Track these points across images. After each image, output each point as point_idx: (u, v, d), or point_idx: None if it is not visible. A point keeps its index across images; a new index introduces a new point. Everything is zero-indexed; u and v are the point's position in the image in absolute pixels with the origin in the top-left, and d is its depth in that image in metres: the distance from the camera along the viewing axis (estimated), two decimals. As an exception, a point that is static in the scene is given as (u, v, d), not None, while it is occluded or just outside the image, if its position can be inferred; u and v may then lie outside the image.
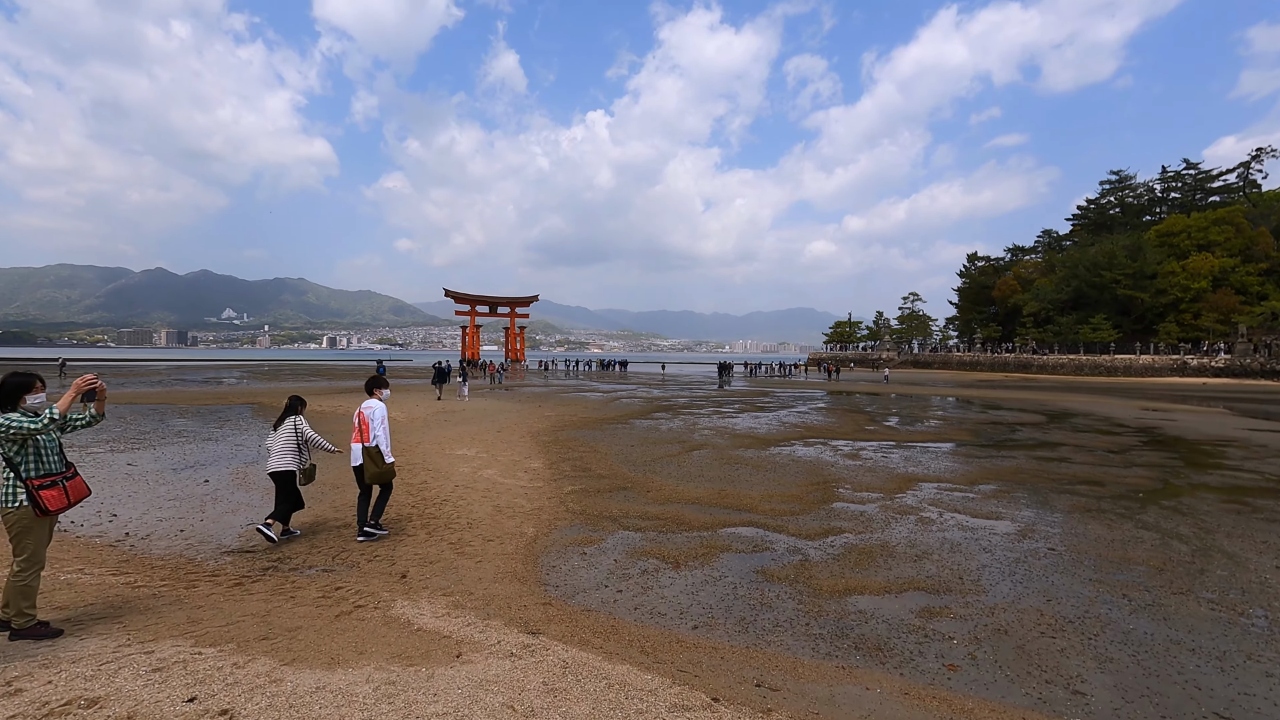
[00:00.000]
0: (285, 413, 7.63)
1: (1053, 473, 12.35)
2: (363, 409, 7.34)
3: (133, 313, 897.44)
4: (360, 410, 7.36)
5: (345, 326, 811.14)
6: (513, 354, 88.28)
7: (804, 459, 13.56)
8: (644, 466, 12.33)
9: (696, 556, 6.85)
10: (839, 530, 8.00)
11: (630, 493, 9.98)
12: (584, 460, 12.86)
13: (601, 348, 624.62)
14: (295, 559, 6.41)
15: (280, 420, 7.59)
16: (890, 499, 9.91)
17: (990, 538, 7.82)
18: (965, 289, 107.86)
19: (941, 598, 5.80)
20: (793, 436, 17.37)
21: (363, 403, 7.48)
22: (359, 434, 7.25)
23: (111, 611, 4.66)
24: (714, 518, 8.52)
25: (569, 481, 10.70)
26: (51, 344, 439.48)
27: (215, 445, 14.57)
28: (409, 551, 6.65)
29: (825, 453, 14.54)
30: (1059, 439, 17.53)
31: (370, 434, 7.15)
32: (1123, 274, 76.79)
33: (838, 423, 21.02)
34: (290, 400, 7.75)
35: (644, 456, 13.53)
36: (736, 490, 10.25)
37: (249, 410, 23.30)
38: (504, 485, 10.23)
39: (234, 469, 11.60)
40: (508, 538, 7.28)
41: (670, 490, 10.18)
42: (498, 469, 11.64)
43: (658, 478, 11.20)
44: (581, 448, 14.62)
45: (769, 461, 13.12)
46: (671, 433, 17.75)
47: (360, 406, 7.44)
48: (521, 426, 18.50)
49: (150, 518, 8.04)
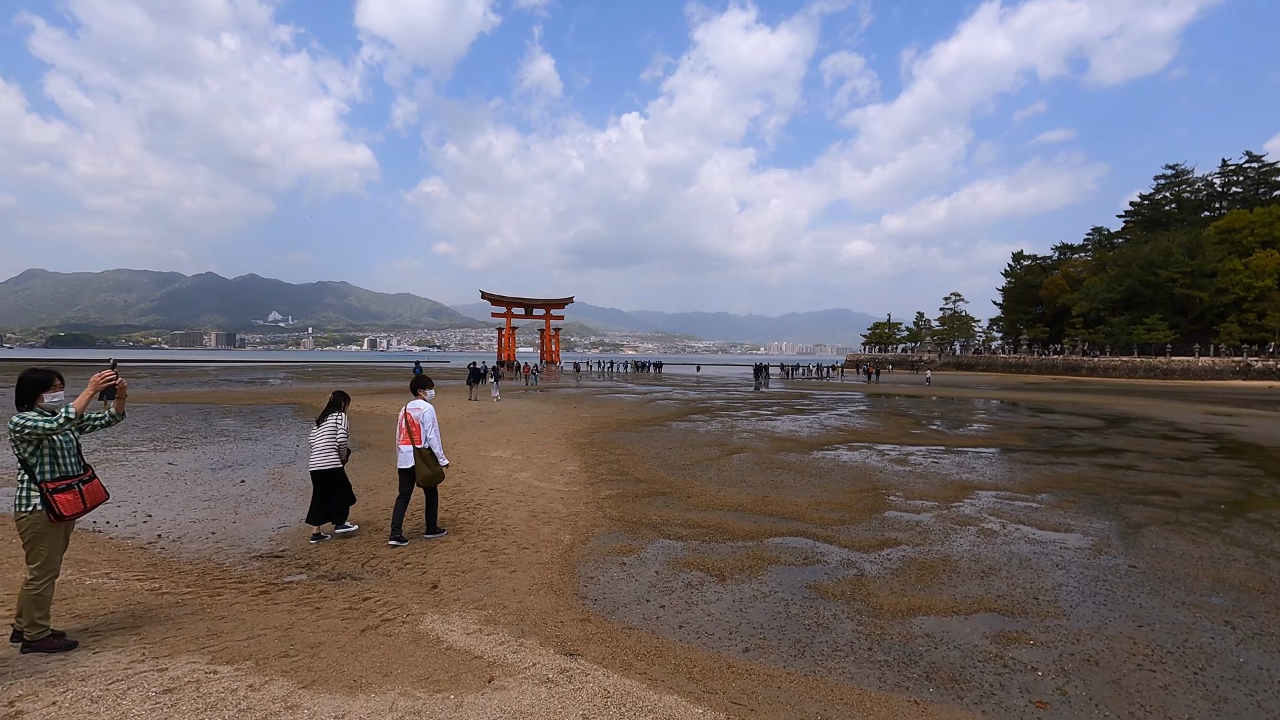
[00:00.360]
0: (328, 408, 7.47)
1: (1120, 481, 11.54)
2: (410, 410, 7.16)
3: (185, 315, 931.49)
4: (407, 411, 7.16)
5: (385, 329, 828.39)
6: (548, 355, 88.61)
7: (850, 464, 12.97)
8: (683, 470, 11.91)
9: (743, 569, 6.41)
10: (894, 542, 7.46)
11: (669, 498, 9.57)
12: (621, 463, 12.50)
13: (636, 349, 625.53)
14: (324, 565, 6.17)
15: (323, 416, 7.43)
16: (946, 508, 9.30)
17: (1062, 552, 7.20)
18: (1010, 289, 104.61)
19: (1017, 620, 5.26)
20: (836, 440, 16.75)
21: (408, 404, 7.29)
22: (407, 436, 7.07)
23: (131, 621, 4.44)
24: (759, 526, 8.06)
25: (606, 485, 10.35)
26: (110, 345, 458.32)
27: (254, 445, 14.63)
28: (441, 559, 6.36)
29: (871, 458, 13.91)
30: (1121, 444, 16.55)
31: (422, 435, 7.02)
32: (1180, 272, 73.42)
33: (882, 426, 20.27)
34: (333, 396, 7.60)
35: (682, 460, 13.11)
36: (781, 497, 9.76)
37: (290, 410, 23.57)
38: (539, 489, 9.93)
39: (270, 469, 11.54)
40: (543, 545, 6.94)
41: (711, 496, 9.74)
42: (533, 472, 11.35)
43: (698, 482, 10.76)
44: (618, 450, 14.26)
45: (813, 466, 12.58)
46: (709, 435, 17.28)
47: (406, 408, 7.25)
48: (557, 428, 18.25)
49: (184, 519, 7.93)
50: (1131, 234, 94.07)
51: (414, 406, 7.23)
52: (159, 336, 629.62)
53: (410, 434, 7.05)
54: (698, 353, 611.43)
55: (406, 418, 7.10)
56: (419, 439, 7.02)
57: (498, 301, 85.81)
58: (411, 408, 7.21)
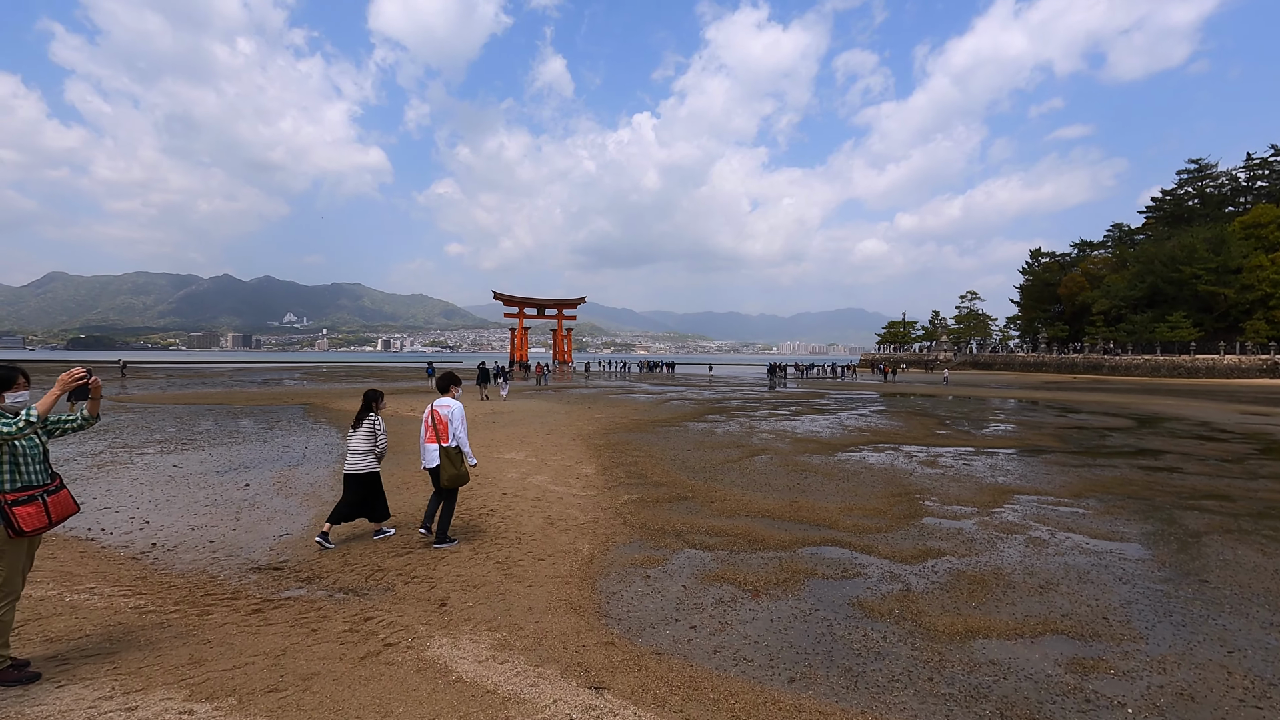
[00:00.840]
0: (363, 410, 7.20)
1: (1167, 485, 10.90)
2: (437, 408, 6.94)
3: (202, 317, 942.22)
4: (435, 409, 6.93)
5: (398, 330, 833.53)
6: (560, 356, 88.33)
7: (877, 466, 12.40)
8: (703, 473, 11.40)
9: (778, 582, 5.89)
10: (938, 552, 6.91)
11: (692, 503, 9.06)
12: (639, 465, 12.01)
13: (648, 349, 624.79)
14: (326, 578, 5.72)
15: (359, 418, 7.14)
16: (987, 514, 8.73)
17: (1122, 564, 6.62)
18: (1028, 287, 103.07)
19: (1090, 645, 4.71)
20: (859, 441, 16.16)
21: (435, 401, 7.07)
22: (433, 434, 6.85)
23: (107, 646, 4.01)
24: (790, 534, 7.54)
25: (625, 489, 9.86)
26: (129, 347, 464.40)
27: (263, 446, 14.28)
28: (451, 571, 5.89)
29: (899, 459, 13.33)
30: (1158, 445, 15.84)
31: (450, 433, 6.81)
32: (1204, 268, 71.81)
33: (905, 426, 19.64)
34: (366, 396, 7.25)
35: (702, 462, 12.60)
36: (810, 502, 9.22)
37: (301, 411, 23.29)
38: (555, 493, 9.46)
39: (277, 472, 11.16)
40: (561, 556, 6.46)
41: (736, 501, 9.23)
42: (548, 475, 10.89)
43: (720, 486, 10.25)
44: (635, 452, 13.78)
45: (839, 469, 12.02)
46: (728, 436, 16.76)
47: (434, 405, 6.99)
48: (571, 429, 17.79)
49: (182, 526, 7.52)
50: (1153, 230, 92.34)
51: (442, 404, 6.99)
52: (177, 338, 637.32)
53: (437, 432, 6.82)
54: (709, 353, 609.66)
55: (434, 415, 6.88)
56: (446, 437, 6.80)
57: (510, 302, 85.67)
58: (439, 405, 6.97)
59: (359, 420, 7.12)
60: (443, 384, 7.24)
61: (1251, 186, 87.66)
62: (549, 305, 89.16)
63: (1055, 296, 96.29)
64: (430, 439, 6.90)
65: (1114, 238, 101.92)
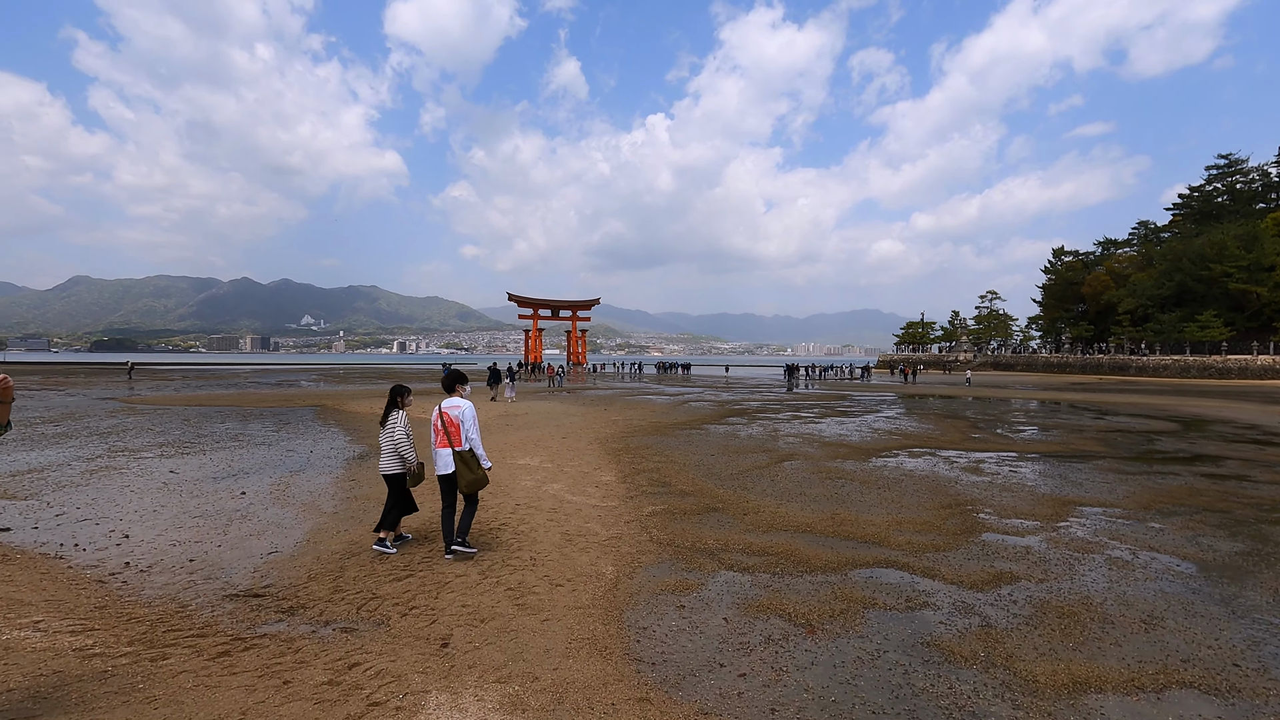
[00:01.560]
0: (389, 406, 6.84)
1: (1240, 495, 9.91)
2: (446, 409, 6.40)
3: (221, 320, 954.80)
4: (444, 411, 6.39)
5: (414, 332, 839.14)
6: (574, 357, 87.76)
7: (918, 473, 11.51)
8: (732, 481, 10.57)
9: (834, 614, 5.06)
10: (1011, 576, 6.04)
11: (723, 515, 8.25)
12: (661, 473, 11.21)
13: (661, 351, 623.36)
14: (311, 607, 4.97)
15: (386, 414, 6.81)
16: (1053, 529, 7.84)
17: (1229, 592, 5.72)
18: (1051, 286, 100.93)
19: (1232, 703, 3.84)
20: (893, 445, 15.24)
21: (443, 402, 6.52)
22: (444, 438, 6.34)
23: (30, 707, 3.28)
24: (837, 553, 6.70)
25: (648, 499, 9.06)
26: (151, 350, 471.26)
27: (267, 450, 13.64)
28: (455, 601, 5.12)
29: (939, 466, 12.42)
30: (1214, 450, 14.78)
31: (462, 436, 6.33)
32: (1235, 266, 69.70)
33: (937, 429, 18.67)
34: (392, 391, 6.84)
35: (729, 469, 11.77)
36: (853, 514, 8.37)
37: (311, 413, 22.73)
38: (572, 504, 8.68)
39: (277, 478, 10.48)
40: (581, 581, 5.67)
41: (771, 513, 8.39)
42: (564, 483, 10.12)
43: (752, 496, 9.42)
44: (656, 457, 12.98)
45: (877, 476, 11.15)
46: (753, 440, 15.90)
47: (441, 406, 6.45)
48: (587, 432, 17.03)
49: (163, 540, 6.83)
50: (1180, 228, 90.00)
51: (451, 404, 6.45)
52: (197, 340, 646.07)
53: (449, 435, 6.31)
54: (724, 354, 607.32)
55: (443, 417, 6.36)
56: (459, 440, 6.30)
57: (524, 303, 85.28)
58: (448, 406, 6.43)
59: (385, 417, 6.81)
60: (449, 383, 6.68)
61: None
62: (563, 306, 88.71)
63: (1079, 296, 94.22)
64: (441, 443, 6.36)
65: (1139, 235, 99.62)
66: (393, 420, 6.72)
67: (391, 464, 6.71)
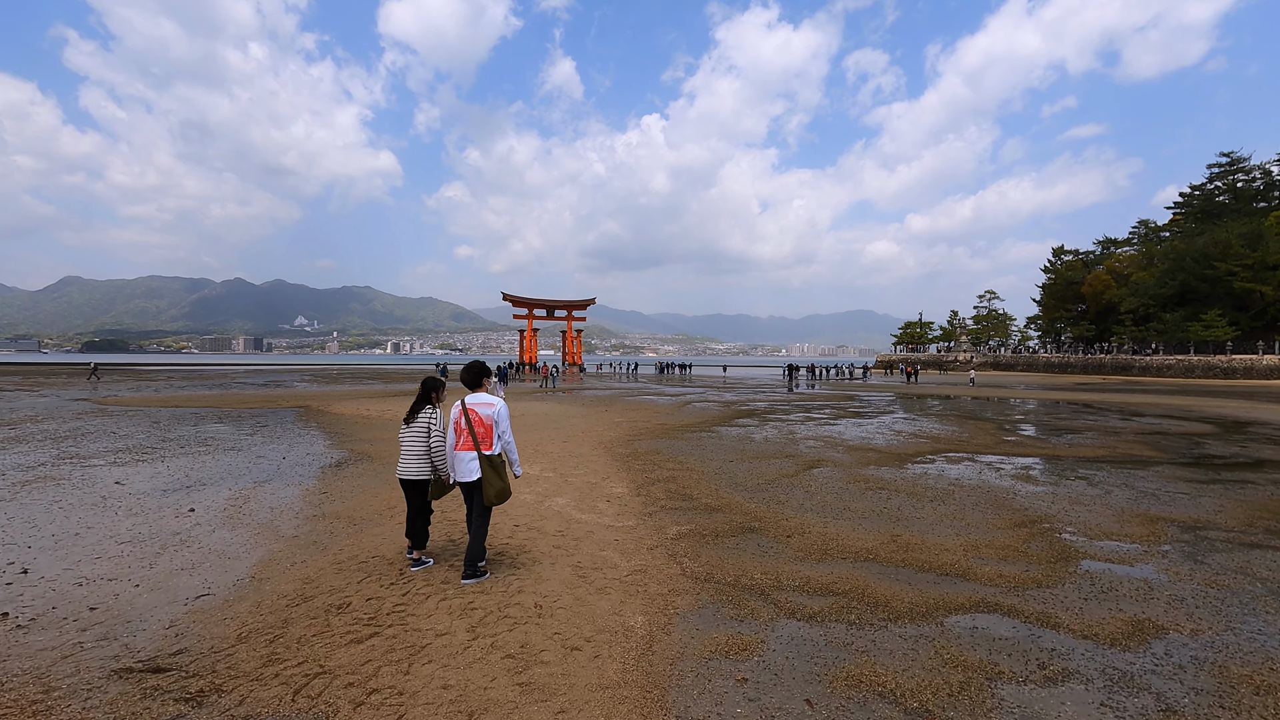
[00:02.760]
0: (420, 399, 5.95)
1: (1346, 508, 8.64)
2: (475, 406, 5.51)
3: (214, 321, 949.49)
4: (470, 408, 5.50)
5: (408, 333, 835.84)
6: (570, 357, 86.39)
7: (966, 483, 10.19)
8: (760, 492, 9.22)
9: (952, 692, 3.71)
10: (1154, 626, 4.70)
11: (763, 538, 6.90)
12: (679, 482, 9.85)
13: (656, 352, 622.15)
14: (229, 692, 3.49)
15: (414, 410, 5.90)
16: (1159, 554, 6.51)
17: None
18: (1050, 285, 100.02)
19: None
20: (924, 450, 13.92)
21: (467, 398, 5.60)
22: (469, 439, 5.43)
23: None
24: (918, 591, 5.35)
25: (670, 517, 7.69)
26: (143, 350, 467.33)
27: (234, 456, 12.22)
28: (432, 677, 3.67)
29: (986, 474, 11.11)
30: (1272, 455, 13.53)
31: (494, 438, 5.47)
32: (1240, 265, 68.81)
33: (963, 432, 17.37)
34: (424, 385, 5.98)
35: (753, 477, 10.43)
36: (916, 536, 7.03)
37: (293, 414, 21.28)
38: (582, 524, 7.31)
39: (236, 491, 9.07)
40: (604, 640, 4.27)
41: (819, 534, 7.04)
42: (570, 496, 8.74)
43: (789, 511, 8.07)
44: (669, 463, 11.63)
45: (923, 487, 9.82)
46: (771, 444, 14.57)
47: (466, 402, 5.55)
48: (590, 435, 15.67)
49: (69, 577, 5.41)
50: (1181, 226, 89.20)
51: (480, 401, 5.56)
52: (189, 341, 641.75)
53: (475, 436, 5.41)
54: (719, 354, 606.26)
55: (470, 414, 5.47)
56: (489, 443, 5.42)
57: (519, 303, 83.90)
58: (476, 403, 5.54)
59: (414, 413, 5.89)
60: (473, 377, 5.72)
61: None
62: (558, 306, 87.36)
63: (1079, 295, 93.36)
64: (464, 445, 5.45)
65: (1140, 235, 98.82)
66: (426, 417, 5.81)
67: (417, 468, 5.78)
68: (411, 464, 5.79)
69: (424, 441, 5.79)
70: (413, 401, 5.97)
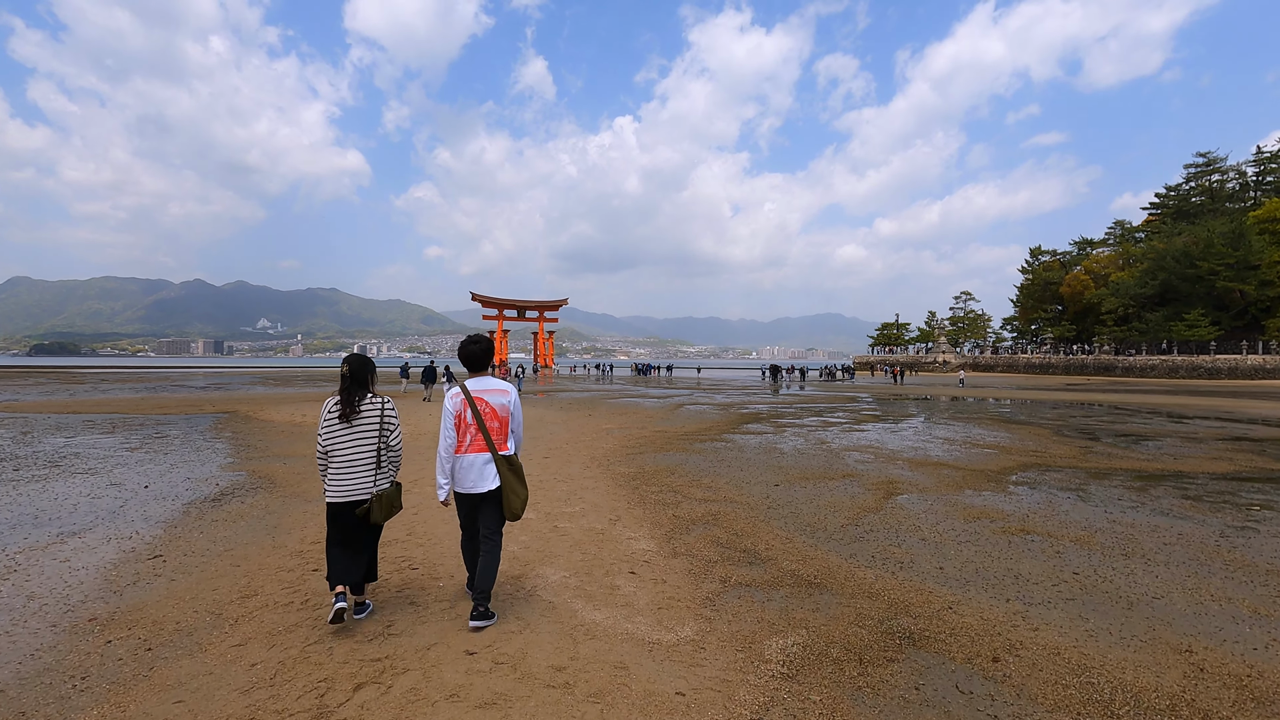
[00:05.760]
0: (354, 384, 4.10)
1: None
2: (482, 395, 4.10)
3: (172, 323, 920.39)
4: (478, 396, 4.08)
5: (376, 335, 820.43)
6: (541, 359, 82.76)
7: (1136, 522, 7.07)
8: (858, 543, 5.96)
9: None
10: None
11: (936, 655, 3.64)
12: (727, 524, 6.54)
13: (628, 354, 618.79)
14: None
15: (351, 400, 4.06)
16: None
17: None
18: (1028, 285, 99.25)
19: None
20: (1006, 465, 10.80)
21: (470, 383, 4.16)
22: (479, 437, 4.04)
23: None
24: None
25: (746, 603, 4.36)
26: (95, 354, 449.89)
27: (76, 483, 8.57)
28: None
29: (1127, 499, 8.03)
30: None
31: (509, 434, 4.17)
32: (1221, 264, 68.11)
33: (1022, 439, 14.33)
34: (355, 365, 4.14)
35: (824, 512, 7.18)
36: (1215, 649, 3.85)
37: (210, 422, 17.48)
38: (599, 645, 3.93)
39: (27, 546, 5.54)
40: None
41: (1036, 645, 3.77)
42: (567, 562, 5.33)
43: (932, 581, 4.82)
44: (695, 489, 8.33)
45: (1082, 528, 6.66)
46: (808, 457, 11.36)
47: (470, 389, 4.10)
48: (580, 448, 12.30)
49: None
50: (1156, 227, 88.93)
51: (490, 388, 4.15)
52: (146, 344, 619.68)
53: (486, 433, 4.04)
54: (690, 357, 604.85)
55: (479, 404, 4.06)
56: (504, 441, 4.13)
57: (489, 304, 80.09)
58: (484, 389, 4.12)
59: (353, 404, 4.06)
60: (478, 359, 4.25)
61: (1261, 181, 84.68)
62: (529, 307, 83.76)
63: (1057, 296, 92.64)
64: (477, 446, 4.05)
65: (1116, 235, 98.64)
66: (378, 407, 4.17)
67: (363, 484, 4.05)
68: (354, 479, 4.06)
69: (374, 443, 4.10)
70: (341, 390, 4.11)
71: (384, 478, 4.13)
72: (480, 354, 4.25)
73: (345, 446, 4.03)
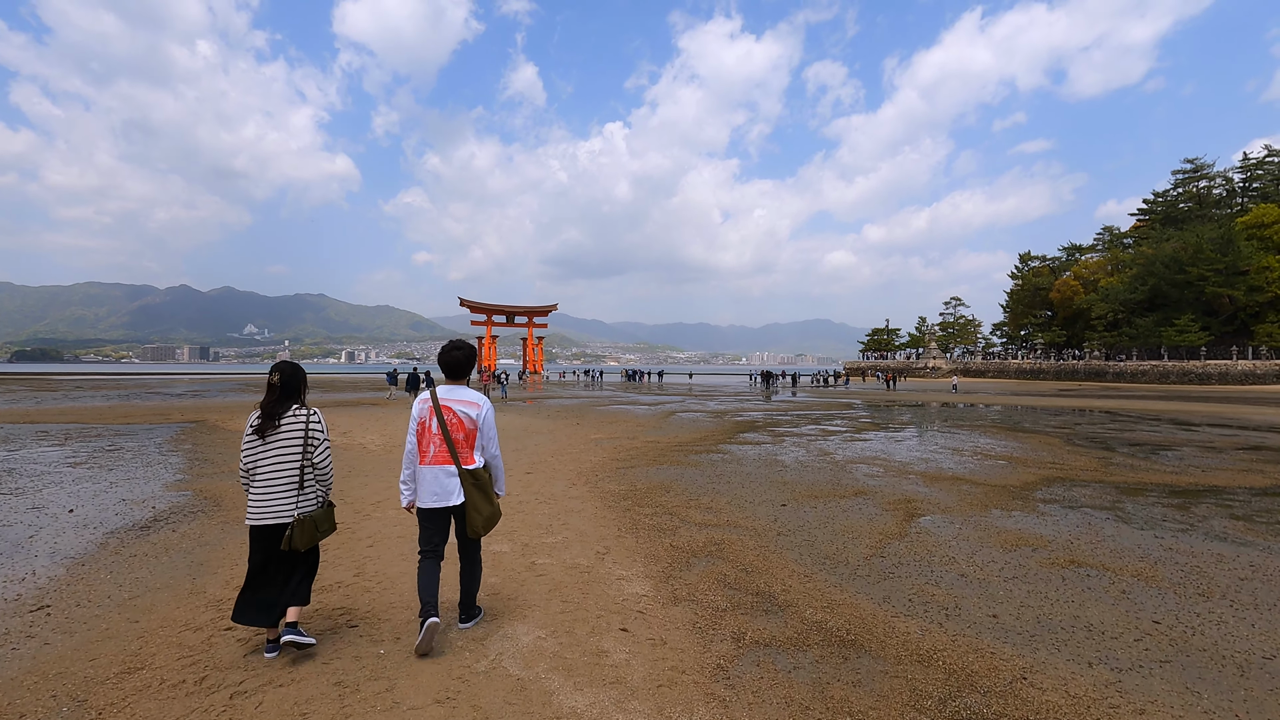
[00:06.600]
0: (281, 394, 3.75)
1: None
2: (450, 403, 3.88)
3: (157, 329, 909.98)
4: (446, 404, 3.87)
5: (364, 341, 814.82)
6: (530, 365, 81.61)
7: (1180, 547, 6.25)
8: (887, 582, 5.08)
9: None
10: None
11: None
12: (732, 557, 5.63)
13: (618, 360, 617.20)
14: None
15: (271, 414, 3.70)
16: None
17: None
18: (1018, 291, 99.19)
19: None
20: (1026, 480, 9.97)
21: (441, 390, 3.95)
22: (443, 448, 3.81)
23: None
24: None
25: (773, 684, 3.44)
26: (78, 360, 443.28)
27: (4, 504, 7.56)
28: None
29: (1170, 522, 7.22)
30: None
31: (478, 446, 3.92)
32: (1211, 270, 68.12)
33: (1034, 449, 13.54)
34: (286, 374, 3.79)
35: (841, 539, 6.30)
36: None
37: (173, 432, 16.40)
38: None
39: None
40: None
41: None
42: (542, 616, 4.43)
43: (994, 640, 3.93)
44: (693, 512, 7.42)
45: (1137, 557, 5.82)
46: (813, 472, 10.48)
47: (440, 396, 3.90)
48: (566, 460, 11.36)
49: None
50: (1144, 233, 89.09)
51: (462, 398, 3.92)
52: (130, 351, 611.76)
53: (451, 445, 3.80)
54: (680, 363, 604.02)
55: (446, 414, 3.84)
56: (470, 454, 3.87)
57: (477, 309, 78.96)
58: (452, 398, 3.91)
59: (272, 418, 3.68)
60: (460, 365, 3.97)
61: (1248, 188, 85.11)
62: (519, 313, 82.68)
63: (1046, 302, 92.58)
64: (439, 457, 3.81)
65: (1105, 241, 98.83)
66: (302, 421, 3.71)
67: (284, 504, 3.61)
68: (275, 500, 3.62)
69: (297, 460, 3.65)
70: (264, 400, 3.69)
71: (308, 499, 3.73)
72: (462, 361, 4.01)
73: (265, 464, 3.66)
